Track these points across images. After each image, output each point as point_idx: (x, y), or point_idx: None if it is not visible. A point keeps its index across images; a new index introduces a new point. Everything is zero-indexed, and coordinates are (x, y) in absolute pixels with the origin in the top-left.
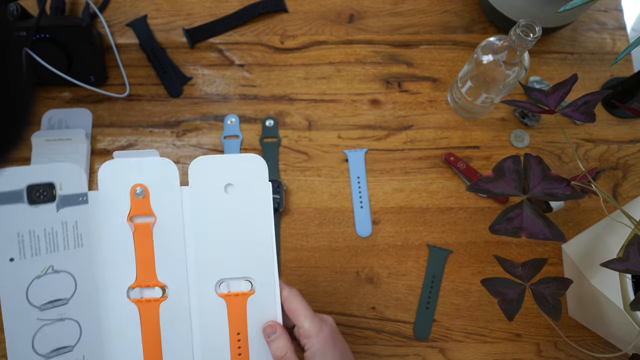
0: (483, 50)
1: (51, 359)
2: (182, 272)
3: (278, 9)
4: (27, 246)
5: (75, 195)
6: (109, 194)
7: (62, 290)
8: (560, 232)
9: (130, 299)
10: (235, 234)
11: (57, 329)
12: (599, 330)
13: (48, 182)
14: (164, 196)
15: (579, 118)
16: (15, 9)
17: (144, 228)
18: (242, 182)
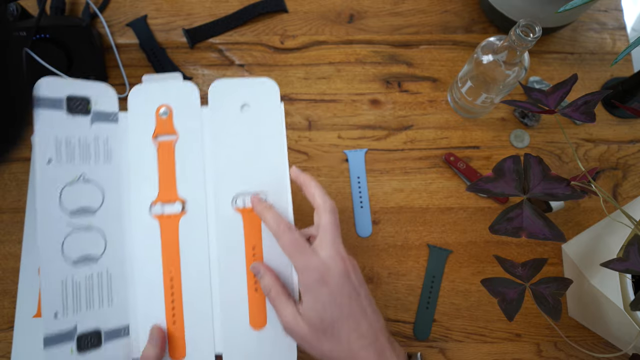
0: (483, 50)
1: (78, 265)
2: (200, 188)
3: (278, 9)
4: (63, 151)
5: (107, 113)
6: (137, 114)
7: (91, 200)
8: (560, 232)
9: (152, 215)
10: (250, 151)
11: (85, 238)
12: (599, 330)
13: (84, 96)
14: (186, 115)
15: (579, 118)
16: (15, 9)
17: (167, 146)
18: (257, 103)
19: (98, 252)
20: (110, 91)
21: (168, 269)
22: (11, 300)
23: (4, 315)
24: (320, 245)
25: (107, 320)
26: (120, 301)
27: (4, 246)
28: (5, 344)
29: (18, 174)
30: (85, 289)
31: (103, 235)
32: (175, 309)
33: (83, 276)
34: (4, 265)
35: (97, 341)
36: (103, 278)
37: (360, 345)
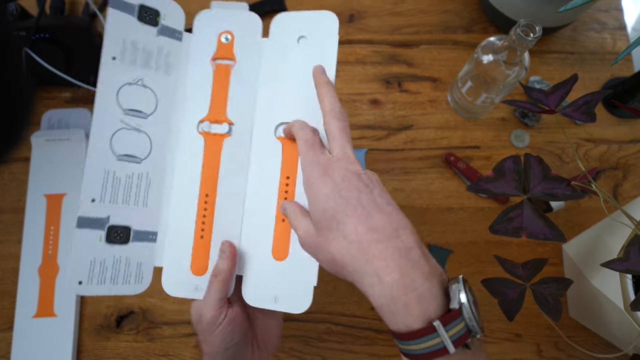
0: (483, 50)
1: (122, 161)
2: (249, 113)
3: (278, 9)
4: (128, 52)
5: (173, 30)
6: (201, 36)
7: (146, 104)
8: (560, 232)
9: (199, 132)
10: (300, 83)
11: (133, 137)
12: (599, 330)
13: (155, 9)
14: (246, 44)
15: (580, 118)
16: (15, 8)
17: (224, 69)
18: (313, 35)
19: (143, 154)
20: (180, 11)
21: (205, 186)
22: (11, 300)
23: (4, 316)
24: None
25: (139, 221)
26: (154, 206)
27: (4, 246)
28: (5, 344)
29: (18, 174)
30: (125, 185)
31: (150, 140)
32: (206, 224)
33: (124, 173)
34: (4, 266)
35: (125, 237)
36: (142, 179)
37: (371, 238)
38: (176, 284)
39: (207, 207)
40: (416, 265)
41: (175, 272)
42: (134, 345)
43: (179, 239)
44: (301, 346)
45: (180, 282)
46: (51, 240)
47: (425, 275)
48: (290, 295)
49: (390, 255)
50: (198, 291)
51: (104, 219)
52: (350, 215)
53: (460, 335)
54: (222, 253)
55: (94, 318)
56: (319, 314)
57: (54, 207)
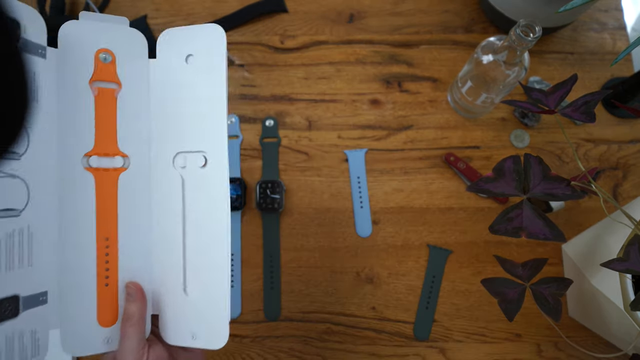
0: (483, 50)
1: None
2: (144, 144)
3: (278, 9)
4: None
5: (35, 45)
6: (71, 54)
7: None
8: (560, 232)
9: (85, 168)
10: (192, 106)
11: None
12: (599, 330)
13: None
14: (132, 65)
15: (579, 118)
16: None
17: (108, 94)
18: (202, 53)
19: (20, 204)
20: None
21: (103, 228)
22: None
23: None
24: None
25: (26, 285)
26: (40, 263)
27: None
28: None
29: None
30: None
31: (26, 185)
32: (110, 270)
33: (3, 232)
34: None
35: (14, 309)
36: (24, 235)
37: None
38: (82, 341)
39: (108, 251)
40: None
41: (79, 328)
42: None
43: (78, 292)
44: (301, 346)
45: (86, 338)
46: None
47: None
48: (207, 331)
49: None
50: (110, 343)
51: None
52: None
53: None
54: (128, 296)
55: None
56: (319, 314)
57: None
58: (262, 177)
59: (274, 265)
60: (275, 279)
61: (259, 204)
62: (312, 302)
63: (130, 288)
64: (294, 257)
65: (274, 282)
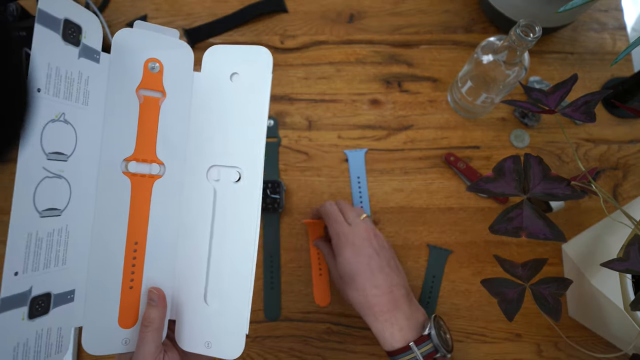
0: (483, 50)
1: (44, 217)
2: (181, 153)
3: (278, 9)
4: (52, 82)
5: (92, 50)
6: (122, 61)
7: (66, 143)
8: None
9: (124, 172)
10: (232, 123)
11: (55, 186)
12: (599, 330)
13: (79, 24)
14: (178, 76)
15: (579, 118)
16: (15, 8)
17: (152, 102)
18: (247, 72)
19: (62, 204)
20: (98, 26)
21: (134, 233)
22: None
23: None
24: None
25: (58, 283)
26: (73, 262)
27: (4, 246)
28: None
29: None
30: (46, 246)
31: (69, 186)
32: (135, 274)
33: (46, 231)
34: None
35: (46, 306)
36: (62, 235)
37: (373, 293)
38: (102, 340)
39: (136, 255)
40: (400, 310)
41: (101, 328)
42: None
43: (104, 292)
44: (301, 346)
45: (106, 338)
46: None
47: (406, 316)
48: (222, 341)
49: (385, 304)
50: (127, 345)
51: (26, 293)
52: (361, 275)
53: (429, 352)
54: (151, 301)
55: None
56: (319, 314)
57: None
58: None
59: (274, 265)
60: (275, 279)
61: None
62: (312, 302)
63: (153, 294)
64: (294, 257)
65: (274, 282)
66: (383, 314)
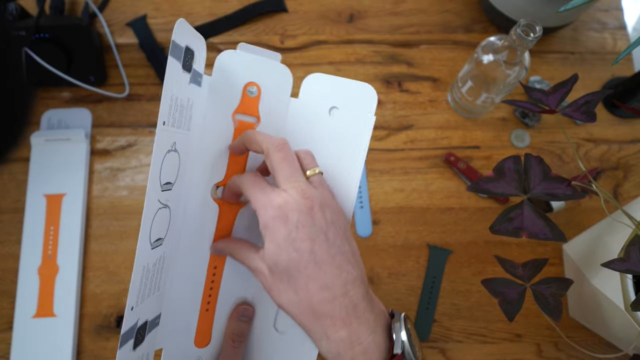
0: (483, 50)
1: (154, 248)
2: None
3: (278, 9)
4: (173, 112)
5: (198, 74)
6: (223, 84)
7: (173, 172)
8: (560, 232)
9: (213, 198)
10: (327, 157)
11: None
12: (599, 330)
13: (193, 50)
14: (274, 101)
15: (580, 118)
16: (14, 8)
17: (247, 127)
18: (348, 108)
19: (164, 233)
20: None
21: (214, 257)
22: (10, 300)
23: (4, 316)
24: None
25: (152, 310)
26: (163, 288)
27: (4, 246)
28: (5, 345)
29: (18, 174)
30: (152, 275)
31: (169, 214)
32: (212, 297)
33: (153, 262)
34: (3, 266)
35: (144, 334)
36: (160, 263)
37: (322, 297)
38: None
39: (214, 279)
40: (362, 320)
41: (179, 349)
42: None
43: (184, 315)
44: None
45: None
46: (51, 240)
47: (370, 328)
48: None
49: (338, 313)
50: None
51: (134, 325)
52: (302, 271)
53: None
54: (243, 317)
55: (94, 318)
56: None
57: (54, 207)
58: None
59: None
60: None
61: None
62: None
63: (247, 310)
64: None
65: None
66: (337, 329)
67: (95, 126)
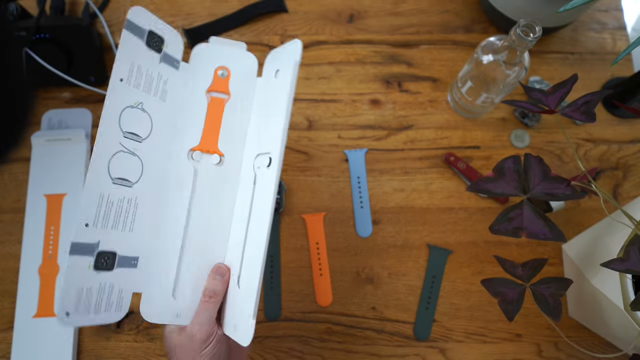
0: (483, 50)
1: (116, 184)
2: (239, 147)
3: (278, 9)
4: (133, 76)
5: (173, 58)
6: (197, 68)
7: (142, 128)
8: (560, 232)
9: (189, 160)
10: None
11: (128, 161)
12: (599, 330)
13: (161, 36)
14: (242, 82)
15: (579, 118)
16: (15, 9)
17: (219, 102)
18: (285, 67)
19: (134, 178)
20: (181, 41)
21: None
22: (11, 300)
23: (4, 316)
24: None
25: (124, 246)
26: (138, 231)
27: (4, 246)
28: (5, 344)
29: (18, 174)
30: (116, 209)
31: (142, 164)
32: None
33: (117, 197)
34: (4, 266)
35: (111, 263)
36: (131, 204)
37: None
38: (157, 310)
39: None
40: None
41: (157, 298)
42: (134, 345)
43: (163, 265)
44: (301, 346)
45: (161, 309)
46: (51, 240)
47: None
48: (242, 327)
49: None
50: (179, 318)
51: (94, 245)
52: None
53: None
54: (217, 275)
55: None
56: (319, 314)
57: (54, 207)
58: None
59: (274, 265)
60: (275, 279)
61: None
62: (312, 302)
63: (222, 269)
64: (294, 257)
65: (274, 282)
66: None
67: (96, 126)
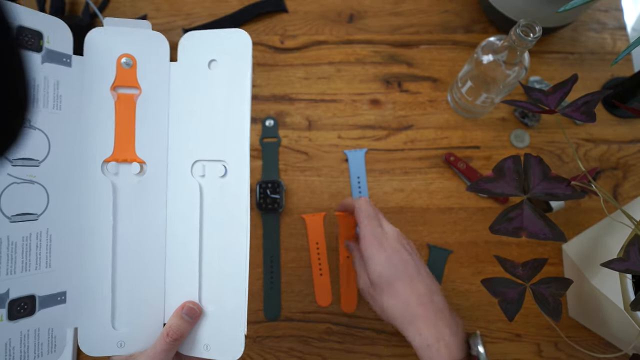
0: (483, 50)
1: (15, 222)
2: (162, 150)
3: (278, 9)
4: None
5: (60, 54)
6: (94, 60)
7: (36, 149)
8: (560, 232)
9: (104, 174)
10: (214, 114)
11: (26, 191)
12: (599, 330)
13: (37, 30)
14: (152, 69)
15: (580, 118)
16: None
17: (128, 99)
18: (226, 59)
19: (39, 209)
20: (66, 30)
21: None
22: None
23: None
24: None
25: (44, 285)
26: (59, 265)
27: None
28: None
29: None
30: (22, 249)
31: (46, 191)
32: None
33: (20, 235)
34: None
35: (31, 307)
36: (42, 238)
37: (417, 302)
38: (98, 343)
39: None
40: (446, 324)
41: (96, 330)
42: None
43: (96, 295)
44: (301, 346)
45: (102, 341)
46: None
47: (452, 331)
48: (221, 343)
49: (429, 316)
50: (122, 347)
51: (3, 295)
52: (400, 281)
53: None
54: (186, 317)
55: None
56: (319, 314)
57: None
58: (262, 177)
59: (274, 265)
60: (275, 279)
61: (259, 204)
62: (312, 302)
63: (194, 310)
64: (294, 257)
65: (274, 282)
66: (428, 327)
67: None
